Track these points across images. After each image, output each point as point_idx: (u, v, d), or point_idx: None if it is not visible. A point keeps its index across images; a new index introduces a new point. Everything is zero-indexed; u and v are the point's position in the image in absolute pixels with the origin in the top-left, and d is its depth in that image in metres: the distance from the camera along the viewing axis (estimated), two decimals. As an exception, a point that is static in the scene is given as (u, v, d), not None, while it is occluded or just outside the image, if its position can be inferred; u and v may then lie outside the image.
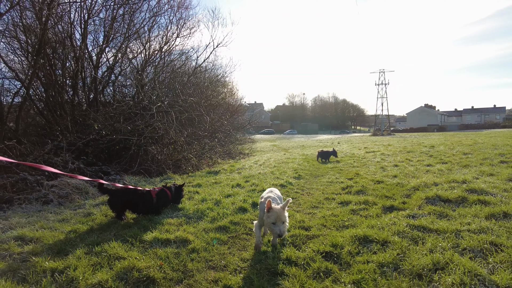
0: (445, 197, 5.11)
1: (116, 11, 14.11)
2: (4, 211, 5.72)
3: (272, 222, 3.26)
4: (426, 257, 2.88)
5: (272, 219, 3.27)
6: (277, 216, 3.24)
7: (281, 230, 3.21)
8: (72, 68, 12.69)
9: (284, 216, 3.31)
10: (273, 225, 3.27)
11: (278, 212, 3.26)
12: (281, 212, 3.27)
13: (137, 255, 3.23)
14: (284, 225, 3.27)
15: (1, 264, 3.17)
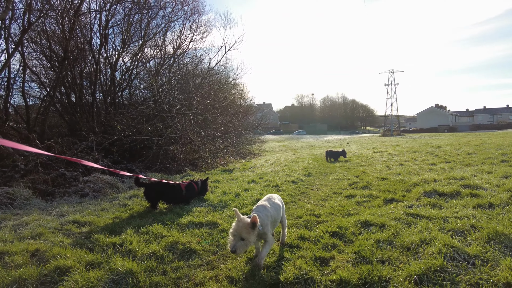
0: (441, 191, 5.71)
1: (133, 17, 15.00)
2: (50, 202, 6.52)
3: (231, 234, 2.91)
4: (415, 235, 3.52)
5: (232, 230, 2.92)
6: (236, 229, 2.86)
7: (233, 246, 2.81)
8: (91, 72, 13.60)
9: (247, 232, 2.84)
10: (230, 236, 2.92)
11: (239, 225, 2.86)
12: (243, 226, 2.84)
13: (177, 234, 3.95)
14: (241, 242, 2.83)
15: (69, 240, 3.93)
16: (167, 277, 2.93)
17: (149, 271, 3.01)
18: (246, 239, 2.82)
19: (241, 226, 2.83)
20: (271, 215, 3.26)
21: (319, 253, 3.23)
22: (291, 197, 6.31)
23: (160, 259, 3.27)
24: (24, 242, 3.81)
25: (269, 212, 3.27)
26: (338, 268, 2.89)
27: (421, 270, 2.70)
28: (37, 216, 5.05)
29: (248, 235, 2.82)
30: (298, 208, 5.40)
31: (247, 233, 2.82)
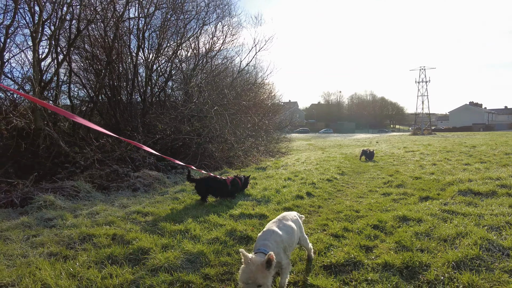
0: (477, 190, 5.90)
1: (169, 21, 15.79)
2: (108, 195, 7.28)
3: (243, 282, 2.25)
4: (451, 229, 3.84)
5: (243, 277, 2.26)
6: (249, 275, 2.22)
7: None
8: (127, 73, 14.51)
9: (263, 276, 2.22)
10: (241, 285, 2.28)
11: (251, 269, 2.22)
12: (257, 270, 2.22)
13: (233, 223, 4.48)
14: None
15: (137, 227, 4.55)
16: (232, 258, 3.45)
17: (216, 253, 3.53)
18: (264, 284, 2.22)
19: (255, 270, 2.20)
20: (282, 240, 2.71)
21: (363, 242, 3.64)
22: (328, 194, 6.71)
23: (223, 243, 3.80)
24: (103, 228, 4.46)
25: (279, 237, 2.70)
26: (382, 254, 3.28)
27: (458, 257, 3.05)
28: (104, 207, 5.75)
29: (266, 279, 2.23)
30: (337, 204, 5.79)
31: (263, 277, 2.21)
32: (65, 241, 4.03)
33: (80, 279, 2.97)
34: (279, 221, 2.95)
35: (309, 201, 5.99)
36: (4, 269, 3.21)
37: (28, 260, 3.43)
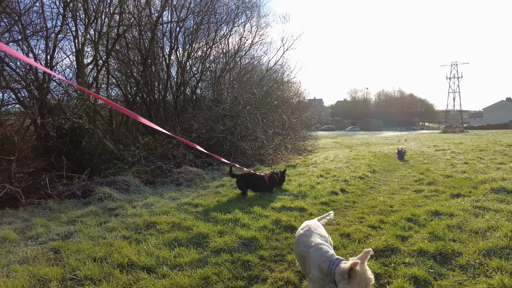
0: (510, 189, 6.06)
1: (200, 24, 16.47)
2: (155, 189, 7.97)
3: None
4: (482, 223, 4.14)
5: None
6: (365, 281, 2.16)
7: None
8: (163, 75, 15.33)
9: (369, 276, 2.18)
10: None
11: (363, 274, 2.16)
12: (365, 271, 2.18)
13: (277, 214, 4.98)
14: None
15: (191, 216, 5.13)
16: (281, 243, 3.94)
17: (266, 238, 4.04)
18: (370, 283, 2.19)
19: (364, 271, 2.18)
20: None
21: (398, 232, 4.02)
22: (361, 190, 7.07)
23: (271, 231, 4.30)
24: (161, 217, 5.08)
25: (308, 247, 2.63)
26: (416, 242, 3.66)
27: (489, 247, 3.39)
28: (156, 199, 6.41)
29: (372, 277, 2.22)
30: (371, 200, 6.16)
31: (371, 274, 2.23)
32: (132, 227, 4.67)
33: (157, 257, 3.55)
34: (309, 230, 2.82)
35: (343, 197, 6.38)
36: (93, 247, 3.86)
37: (108, 241, 4.07)
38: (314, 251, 2.48)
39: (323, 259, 2.38)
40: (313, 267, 2.38)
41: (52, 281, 3.04)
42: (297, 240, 2.78)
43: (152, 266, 3.35)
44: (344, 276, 2.16)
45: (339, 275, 2.21)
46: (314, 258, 2.43)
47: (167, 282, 3.00)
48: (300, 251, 2.66)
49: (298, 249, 2.73)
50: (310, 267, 2.40)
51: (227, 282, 3.06)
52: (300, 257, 2.70)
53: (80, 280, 3.09)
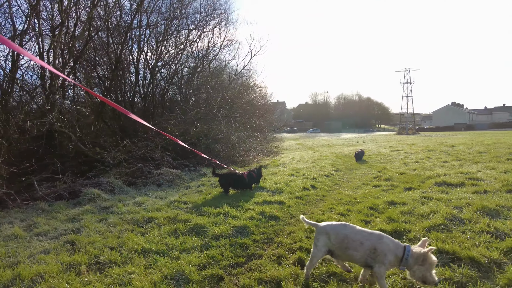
0: (449, 182, 7.29)
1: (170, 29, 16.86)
2: (139, 189, 8.39)
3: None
4: (427, 209, 5.17)
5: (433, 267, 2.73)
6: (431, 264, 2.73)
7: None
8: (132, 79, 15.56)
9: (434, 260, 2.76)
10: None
11: (430, 258, 2.73)
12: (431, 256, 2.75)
13: (260, 207, 5.72)
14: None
15: (183, 212, 5.72)
16: (268, 229, 4.70)
17: (256, 226, 4.78)
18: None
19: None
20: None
21: (363, 218, 4.95)
22: (328, 186, 8.02)
23: (259, 220, 5.05)
24: (156, 212, 5.63)
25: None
26: (377, 224, 4.59)
27: (430, 225, 4.38)
28: (144, 198, 6.90)
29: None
30: (337, 194, 7.11)
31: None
32: (132, 222, 5.19)
33: (166, 244, 4.15)
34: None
35: (314, 192, 7.29)
36: (103, 239, 4.37)
37: (115, 234, 4.59)
38: (387, 240, 2.92)
39: (397, 247, 2.87)
40: (389, 254, 2.82)
41: (81, 265, 3.55)
42: (349, 234, 3.00)
43: (164, 251, 3.95)
44: (419, 260, 2.72)
45: (414, 259, 2.75)
46: (388, 246, 2.86)
47: (181, 261, 3.63)
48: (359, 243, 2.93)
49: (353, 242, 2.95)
50: (386, 255, 2.81)
51: (230, 259, 3.75)
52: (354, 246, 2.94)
53: (105, 263, 3.63)
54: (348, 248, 2.93)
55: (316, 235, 3.15)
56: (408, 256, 2.77)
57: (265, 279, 3.23)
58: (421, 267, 2.72)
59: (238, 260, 3.72)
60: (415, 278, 2.80)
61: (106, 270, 3.46)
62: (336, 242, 2.97)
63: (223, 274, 3.38)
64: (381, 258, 2.80)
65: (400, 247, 2.86)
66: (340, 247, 2.97)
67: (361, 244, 2.90)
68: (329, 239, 3.02)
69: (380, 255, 2.81)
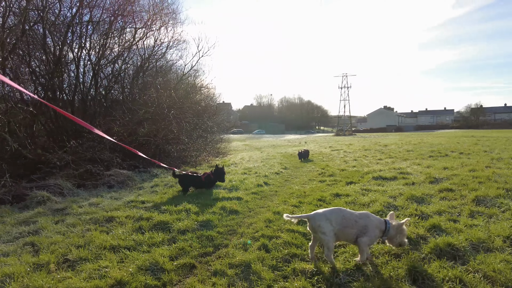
0: (384, 176, 8.29)
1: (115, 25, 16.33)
2: (89, 191, 8.14)
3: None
4: (367, 198, 5.94)
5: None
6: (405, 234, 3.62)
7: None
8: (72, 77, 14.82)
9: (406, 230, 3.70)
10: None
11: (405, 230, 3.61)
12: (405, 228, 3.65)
13: (220, 203, 6.03)
14: None
15: (142, 211, 5.81)
16: (230, 222, 5.04)
17: (219, 220, 5.09)
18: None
19: None
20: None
21: (313, 208, 5.51)
22: (279, 183, 8.59)
23: (220, 214, 5.36)
24: (115, 212, 5.65)
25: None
26: (327, 213, 5.18)
27: (371, 211, 5.06)
28: (99, 199, 6.80)
29: None
30: (288, 189, 7.69)
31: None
32: (92, 221, 5.18)
33: (133, 240, 4.28)
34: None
35: (267, 188, 7.79)
36: (66, 238, 4.35)
37: (77, 234, 4.58)
38: (373, 218, 3.54)
39: (380, 222, 3.53)
40: (376, 229, 3.45)
41: (50, 264, 3.57)
42: (346, 215, 3.49)
43: (133, 246, 4.10)
44: (398, 230, 3.51)
45: (394, 230, 3.50)
46: (374, 222, 3.48)
47: (152, 254, 3.82)
48: (354, 222, 3.45)
49: (349, 221, 3.45)
50: (373, 229, 3.42)
51: (199, 249, 4.03)
52: (351, 224, 3.43)
53: (76, 260, 3.68)
54: (346, 227, 3.42)
55: (315, 224, 3.44)
56: (389, 228, 3.47)
57: (235, 263, 3.58)
58: (400, 235, 3.51)
59: (206, 250, 4.01)
60: (394, 244, 3.57)
61: (78, 267, 3.53)
62: (336, 224, 3.41)
63: (194, 263, 3.65)
64: (370, 233, 3.40)
65: (382, 222, 3.52)
66: (340, 228, 3.42)
67: (356, 222, 3.44)
68: (331, 223, 3.40)
69: (370, 230, 3.41)
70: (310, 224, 3.50)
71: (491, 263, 3.16)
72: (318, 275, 3.21)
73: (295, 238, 4.16)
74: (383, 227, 3.49)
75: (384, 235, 3.50)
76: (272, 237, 4.26)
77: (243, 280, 3.22)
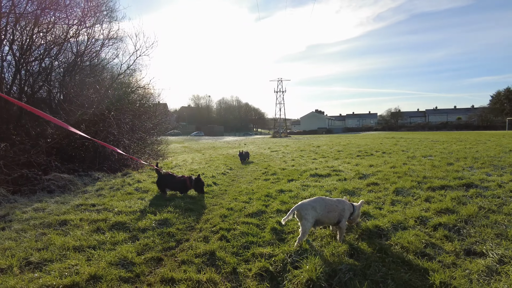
0: (320, 174, 9.26)
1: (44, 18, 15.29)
2: (28, 197, 7.71)
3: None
4: (307, 193, 6.72)
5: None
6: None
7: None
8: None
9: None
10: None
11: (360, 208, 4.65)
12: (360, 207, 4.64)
13: (173, 202, 6.29)
14: None
15: (95, 213, 5.84)
16: (187, 219, 5.39)
17: (175, 218, 5.39)
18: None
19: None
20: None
21: (262, 203, 6.12)
22: (227, 182, 9.07)
23: (176, 213, 5.66)
24: (68, 215, 5.60)
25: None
26: (274, 206, 5.82)
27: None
28: (44, 204, 6.57)
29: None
30: (236, 187, 8.21)
31: None
32: (44, 226, 5.10)
33: (95, 240, 4.41)
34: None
35: (217, 187, 8.22)
36: (19, 244, 4.31)
37: (31, 238, 4.53)
38: (346, 202, 4.33)
39: (350, 205, 4.33)
40: (348, 211, 4.25)
41: (13, 267, 3.58)
42: (327, 202, 4.22)
43: (96, 245, 4.24)
44: (359, 210, 4.44)
45: (358, 211, 4.41)
46: (347, 206, 4.28)
47: (117, 251, 4.03)
48: (335, 206, 4.20)
49: (332, 206, 4.19)
50: (347, 212, 4.23)
51: (163, 244, 4.33)
52: (333, 209, 4.17)
53: (40, 262, 3.73)
54: (330, 212, 4.13)
55: (302, 212, 4.05)
56: (355, 209, 4.36)
57: (200, 253, 3.98)
58: (357, 211, 4.42)
59: (169, 245, 4.34)
60: (354, 222, 4.50)
61: (45, 267, 3.60)
62: (321, 210, 4.09)
63: (161, 256, 3.97)
64: (346, 215, 4.20)
65: (351, 206, 4.35)
66: (323, 214, 4.10)
67: (336, 206, 4.20)
68: (316, 210, 4.06)
69: (346, 212, 4.20)
70: (298, 212, 4.12)
71: (406, 237, 4.05)
72: (275, 256, 3.78)
73: (250, 229, 4.70)
74: (352, 209, 4.30)
75: (351, 216, 4.29)
76: (230, 229, 4.74)
77: (210, 265, 3.66)
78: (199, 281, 3.29)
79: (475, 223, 4.48)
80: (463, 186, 6.59)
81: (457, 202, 5.45)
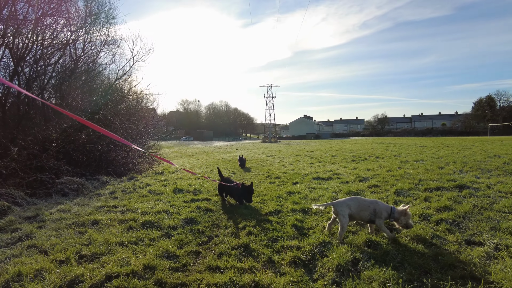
0: (322, 177, 9.82)
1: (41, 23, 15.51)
2: (46, 200, 8.00)
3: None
4: (316, 194, 7.25)
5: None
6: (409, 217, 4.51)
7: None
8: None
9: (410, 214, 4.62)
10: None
11: (409, 213, 4.50)
12: (409, 212, 4.54)
13: (193, 204, 6.72)
14: None
15: (120, 214, 6.22)
16: (211, 218, 5.84)
17: (200, 217, 5.84)
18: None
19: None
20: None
21: (276, 203, 6.63)
22: (234, 185, 9.51)
23: (198, 212, 6.11)
24: (95, 215, 5.97)
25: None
26: (288, 206, 6.32)
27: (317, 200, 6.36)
28: (67, 206, 6.91)
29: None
30: (246, 190, 8.67)
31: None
32: (78, 224, 5.47)
33: (134, 237, 4.82)
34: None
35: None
36: (64, 241, 4.68)
37: (70, 236, 4.91)
38: (381, 204, 4.57)
39: (387, 207, 4.55)
40: (384, 212, 4.49)
41: (70, 260, 3.97)
42: (361, 202, 4.62)
43: (135, 241, 4.65)
44: (402, 214, 4.46)
45: (399, 214, 4.48)
46: (382, 207, 4.52)
47: (158, 246, 4.46)
48: (367, 206, 4.55)
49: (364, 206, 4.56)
50: (382, 212, 4.48)
51: (197, 239, 4.78)
52: (364, 209, 4.54)
53: (92, 255, 4.13)
54: (362, 210, 4.53)
55: (338, 209, 4.52)
56: (394, 212, 4.52)
57: (234, 246, 4.45)
58: (404, 217, 4.48)
59: (202, 240, 4.79)
60: (401, 225, 4.55)
61: (98, 260, 4.01)
62: (354, 208, 4.54)
63: (198, 249, 4.42)
64: (381, 215, 4.49)
65: (388, 207, 4.56)
66: (356, 211, 4.53)
67: (368, 206, 4.54)
68: (350, 208, 4.52)
69: (378, 213, 4.50)
70: (335, 209, 4.62)
71: (414, 230, 4.61)
72: (302, 248, 4.28)
73: (273, 226, 5.19)
74: (389, 211, 4.54)
75: (390, 217, 4.54)
76: (255, 226, 5.23)
77: (247, 256, 4.14)
78: (242, 268, 3.76)
79: (471, 218, 5.09)
80: (456, 188, 7.24)
81: (453, 201, 6.07)
